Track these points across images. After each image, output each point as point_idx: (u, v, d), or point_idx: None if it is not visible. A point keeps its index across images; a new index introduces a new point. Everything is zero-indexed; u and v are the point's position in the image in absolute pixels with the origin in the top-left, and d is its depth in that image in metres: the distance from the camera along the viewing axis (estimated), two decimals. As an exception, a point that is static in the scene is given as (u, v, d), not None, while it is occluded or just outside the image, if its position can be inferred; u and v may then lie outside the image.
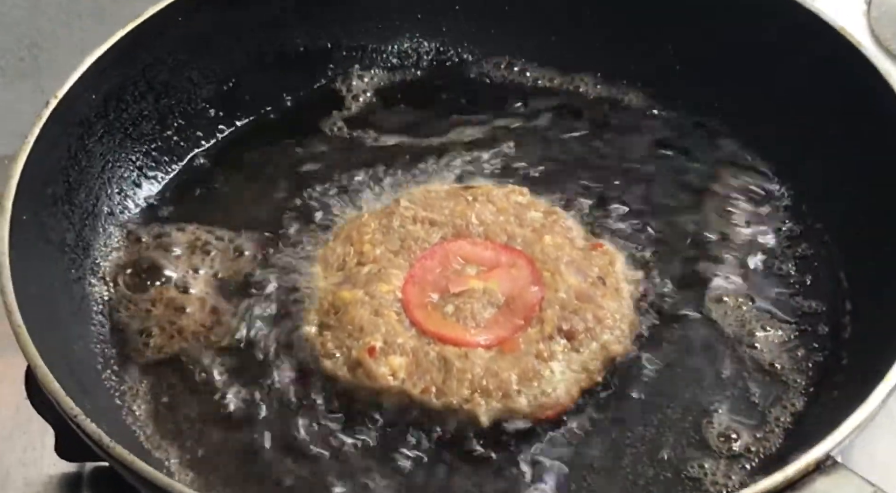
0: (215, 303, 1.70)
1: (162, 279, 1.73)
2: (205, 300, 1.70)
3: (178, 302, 1.70)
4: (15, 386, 1.62)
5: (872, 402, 1.36)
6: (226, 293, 1.72)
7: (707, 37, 1.90)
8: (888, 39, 2.17)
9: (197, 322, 1.68)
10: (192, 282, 1.72)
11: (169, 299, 1.70)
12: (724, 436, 1.53)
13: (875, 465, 1.65)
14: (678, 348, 1.63)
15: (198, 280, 1.72)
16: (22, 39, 2.39)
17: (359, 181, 1.86)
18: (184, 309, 1.69)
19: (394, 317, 1.62)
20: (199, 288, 1.72)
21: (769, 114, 1.85)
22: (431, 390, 1.54)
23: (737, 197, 1.81)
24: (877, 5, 2.23)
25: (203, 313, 1.69)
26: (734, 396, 1.58)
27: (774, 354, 1.61)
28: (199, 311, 1.69)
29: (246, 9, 1.93)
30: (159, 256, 1.75)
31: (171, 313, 1.69)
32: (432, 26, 2.05)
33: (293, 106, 2.00)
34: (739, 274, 1.71)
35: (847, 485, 1.30)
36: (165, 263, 1.74)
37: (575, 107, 1.98)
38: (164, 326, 1.68)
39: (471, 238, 1.72)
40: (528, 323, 1.61)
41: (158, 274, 1.73)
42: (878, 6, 2.23)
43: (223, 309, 1.70)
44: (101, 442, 1.36)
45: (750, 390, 1.58)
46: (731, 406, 1.57)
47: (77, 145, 1.75)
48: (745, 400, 1.57)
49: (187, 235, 1.78)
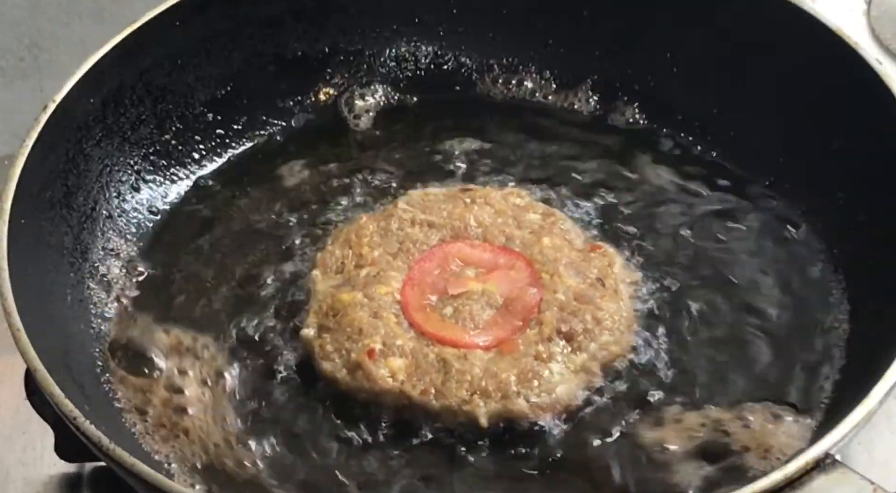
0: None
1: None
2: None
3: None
4: (15, 387, 1.62)
5: (871, 401, 1.36)
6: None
7: (707, 46, 1.90)
8: (888, 39, 2.18)
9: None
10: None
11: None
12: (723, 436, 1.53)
13: (875, 463, 1.65)
14: (677, 348, 1.63)
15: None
16: (22, 39, 2.39)
17: (358, 185, 1.87)
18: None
19: (393, 319, 1.62)
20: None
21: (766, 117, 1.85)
22: (430, 391, 1.54)
23: (731, 199, 1.82)
24: (877, 5, 2.23)
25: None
26: (733, 395, 1.58)
27: (772, 354, 1.61)
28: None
29: (244, 14, 1.93)
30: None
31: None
32: (430, 31, 2.05)
33: (292, 110, 2.00)
34: (736, 274, 1.71)
35: (846, 483, 1.29)
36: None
37: (574, 112, 1.98)
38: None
39: (469, 240, 1.72)
40: (527, 324, 1.61)
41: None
42: (878, 6, 2.23)
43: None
44: (100, 444, 1.36)
45: (749, 390, 1.58)
46: (730, 406, 1.56)
47: (75, 149, 1.75)
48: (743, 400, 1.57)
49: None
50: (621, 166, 1.88)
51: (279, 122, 1.98)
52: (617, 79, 1.99)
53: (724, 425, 1.54)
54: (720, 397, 1.57)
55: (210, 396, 1.60)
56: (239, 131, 1.96)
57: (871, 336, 1.56)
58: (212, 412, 1.58)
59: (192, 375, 1.63)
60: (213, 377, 1.63)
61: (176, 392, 1.61)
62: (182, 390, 1.60)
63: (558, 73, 2.02)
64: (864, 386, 1.38)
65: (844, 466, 1.32)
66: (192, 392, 1.60)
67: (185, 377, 1.62)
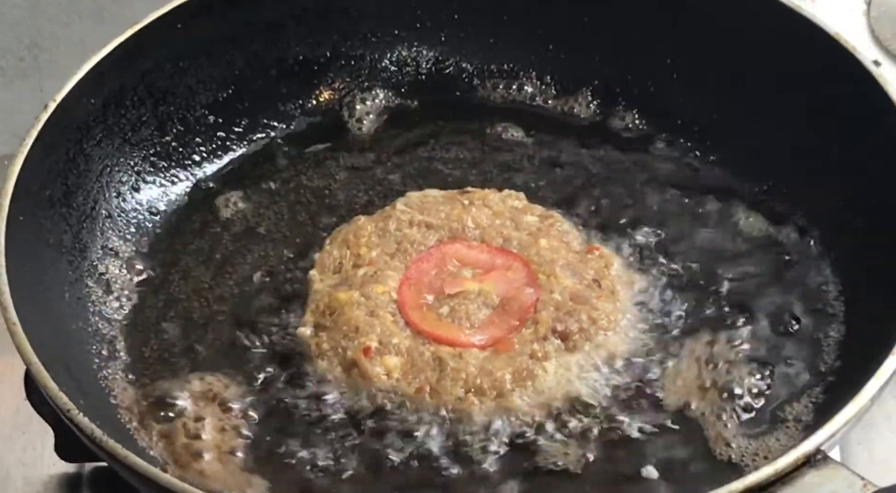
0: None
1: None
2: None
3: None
4: (15, 387, 1.62)
5: (862, 398, 1.36)
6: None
7: (707, 51, 1.90)
8: (888, 39, 2.18)
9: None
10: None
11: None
12: (722, 436, 1.54)
13: (874, 463, 1.66)
14: (671, 349, 1.63)
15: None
16: (22, 39, 2.39)
17: (357, 187, 1.88)
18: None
19: (389, 318, 1.62)
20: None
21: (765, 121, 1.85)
22: (426, 389, 1.55)
23: (729, 203, 1.82)
24: (877, 5, 2.23)
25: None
26: (731, 395, 1.58)
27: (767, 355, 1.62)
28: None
29: (245, 16, 1.94)
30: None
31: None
32: (431, 36, 2.06)
33: (293, 113, 2.00)
34: (732, 276, 1.71)
35: (837, 479, 1.29)
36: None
37: (574, 116, 1.99)
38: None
39: (467, 241, 1.72)
40: (523, 324, 1.61)
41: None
42: (878, 6, 2.23)
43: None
44: (93, 437, 1.36)
45: (744, 389, 1.58)
46: (728, 406, 1.57)
47: (75, 150, 1.76)
48: (741, 399, 1.57)
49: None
50: (620, 171, 1.89)
51: (280, 125, 1.99)
52: (617, 84, 1.99)
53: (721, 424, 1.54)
54: (715, 395, 1.57)
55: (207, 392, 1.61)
56: (240, 134, 1.96)
57: (867, 338, 1.55)
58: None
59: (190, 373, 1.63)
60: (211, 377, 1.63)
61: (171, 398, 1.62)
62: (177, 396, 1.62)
63: (558, 78, 2.02)
64: (856, 384, 1.38)
65: (835, 462, 1.32)
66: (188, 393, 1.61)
67: (182, 383, 1.63)
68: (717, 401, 1.57)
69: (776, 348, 1.63)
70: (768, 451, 1.50)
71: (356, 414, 1.56)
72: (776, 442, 1.51)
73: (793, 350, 1.62)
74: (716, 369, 1.60)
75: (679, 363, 1.61)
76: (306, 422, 1.57)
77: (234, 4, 1.92)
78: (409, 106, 2.03)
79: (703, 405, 1.56)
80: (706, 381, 1.59)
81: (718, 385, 1.59)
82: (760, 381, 1.59)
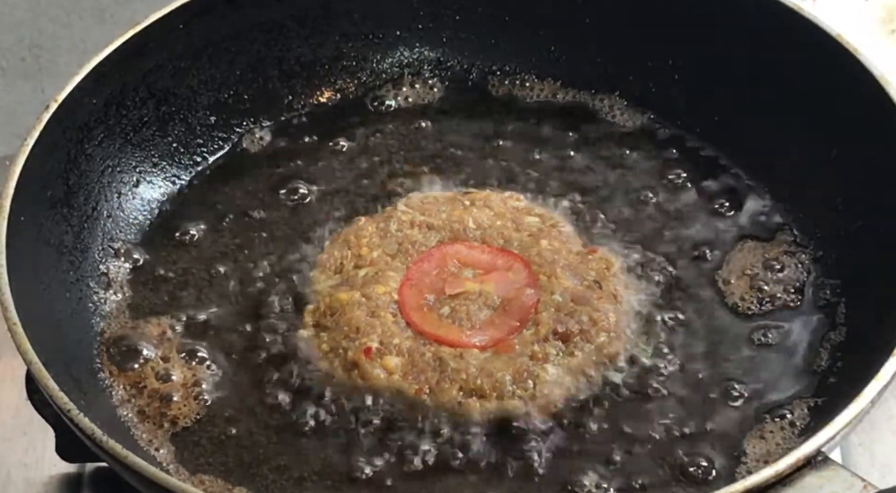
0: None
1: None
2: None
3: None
4: (16, 387, 1.63)
5: (863, 399, 1.37)
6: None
7: (708, 53, 1.91)
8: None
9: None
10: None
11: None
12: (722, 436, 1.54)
13: (876, 464, 1.65)
14: (672, 351, 1.63)
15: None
16: (23, 40, 2.39)
17: (359, 188, 1.88)
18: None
19: (390, 318, 1.62)
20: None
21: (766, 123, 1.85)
22: (426, 390, 1.55)
23: (729, 205, 1.82)
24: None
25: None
26: (731, 396, 1.58)
27: (767, 357, 1.62)
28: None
29: (247, 18, 1.94)
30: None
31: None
32: (433, 37, 2.06)
33: (294, 114, 2.01)
34: (732, 278, 1.71)
35: (837, 480, 1.30)
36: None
37: (576, 118, 1.99)
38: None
39: (468, 242, 1.72)
40: (524, 325, 1.61)
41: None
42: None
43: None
44: (94, 437, 1.37)
45: (746, 391, 1.58)
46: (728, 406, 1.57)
47: (76, 150, 1.76)
48: (741, 400, 1.58)
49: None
50: (622, 172, 1.89)
51: (281, 125, 1.99)
52: (618, 85, 1.99)
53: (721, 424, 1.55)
54: (716, 396, 1.58)
55: (206, 393, 1.61)
56: (241, 135, 1.96)
57: (867, 340, 1.56)
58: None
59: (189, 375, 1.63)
60: (210, 376, 1.63)
61: (164, 382, 1.62)
62: (171, 381, 1.62)
63: (560, 78, 2.02)
64: (856, 386, 1.39)
65: (836, 463, 1.32)
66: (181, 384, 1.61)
67: (176, 371, 1.63)
68: (717, 401, 1.58)
69: (776, 349, 1.63)
70: (769, 452, 1.50)
71: (356, 414, 1.56)
72: (776, 444, 1.51)
73: (793, 351, 1.63)
74: (716, 370, 1.61)
75: (679, 365, 1.62)
76: (307, 423, 1.57)
77: (236, 5, 1.92)
78: (409, 106, 2.03)
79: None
80: (706, 382, 1.60)
81: (719, 387, 1.59)
82: (760, 382, 1.59)
